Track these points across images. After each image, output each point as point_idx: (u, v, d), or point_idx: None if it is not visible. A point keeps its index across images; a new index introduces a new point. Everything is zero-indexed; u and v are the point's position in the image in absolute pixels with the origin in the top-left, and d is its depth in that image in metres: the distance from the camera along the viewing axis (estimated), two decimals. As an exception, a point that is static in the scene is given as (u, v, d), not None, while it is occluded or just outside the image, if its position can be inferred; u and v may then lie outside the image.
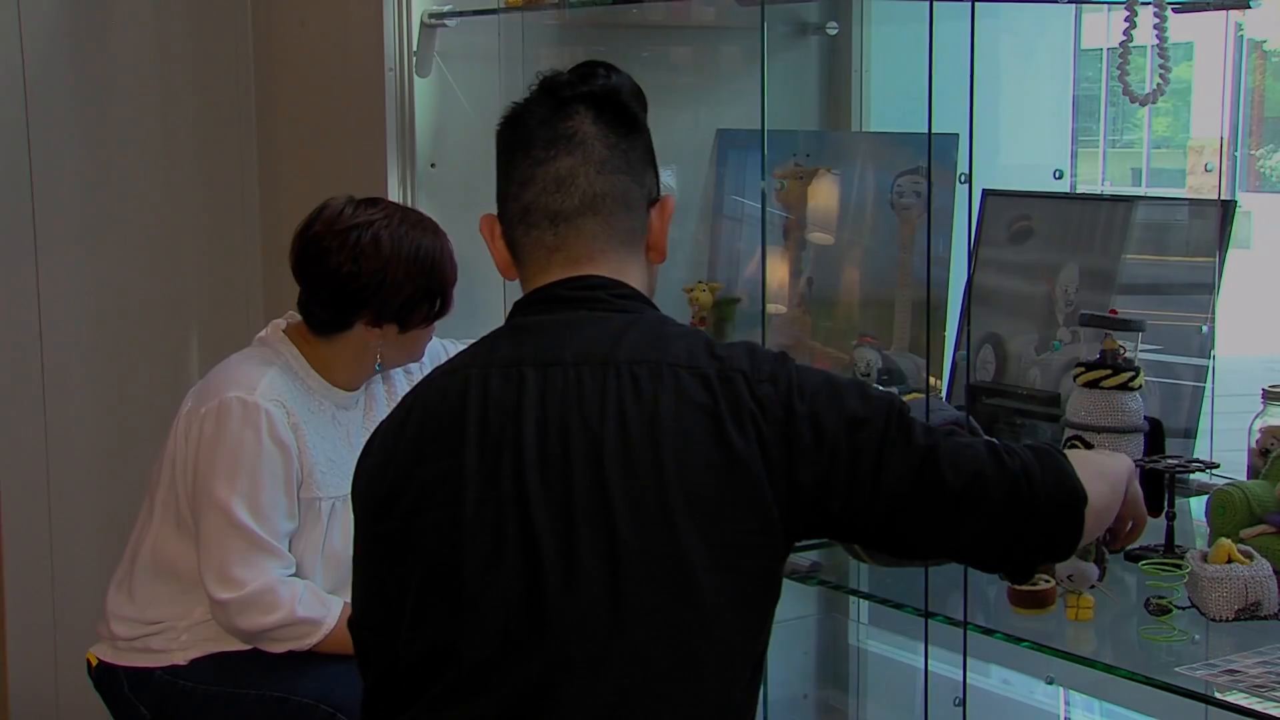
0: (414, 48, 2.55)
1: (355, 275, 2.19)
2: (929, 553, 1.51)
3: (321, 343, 2.27)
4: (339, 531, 2.23)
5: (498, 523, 1.41)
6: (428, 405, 1.50)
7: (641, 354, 1.44)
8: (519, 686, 1.39)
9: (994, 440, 1.49)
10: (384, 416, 2.32)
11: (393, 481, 1.49)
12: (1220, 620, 1.68)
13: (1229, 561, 1.71)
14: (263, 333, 2.31)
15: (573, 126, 1.53)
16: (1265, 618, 1.66)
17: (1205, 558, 1.73)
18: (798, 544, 1.50)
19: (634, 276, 1.55)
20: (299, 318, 2.30)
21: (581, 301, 1.51)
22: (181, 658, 2.19)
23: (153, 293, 2.97)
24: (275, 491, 2.15)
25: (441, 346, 2.46)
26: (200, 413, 2.17)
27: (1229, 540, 1.74)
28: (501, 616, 1.40)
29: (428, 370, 2.42)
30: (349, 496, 2.23)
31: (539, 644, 1.38)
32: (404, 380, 2.40)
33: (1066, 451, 1.58)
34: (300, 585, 2.15)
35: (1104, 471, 1.57)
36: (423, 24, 2.56)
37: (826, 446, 1.40)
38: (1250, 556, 1.72)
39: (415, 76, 2.56)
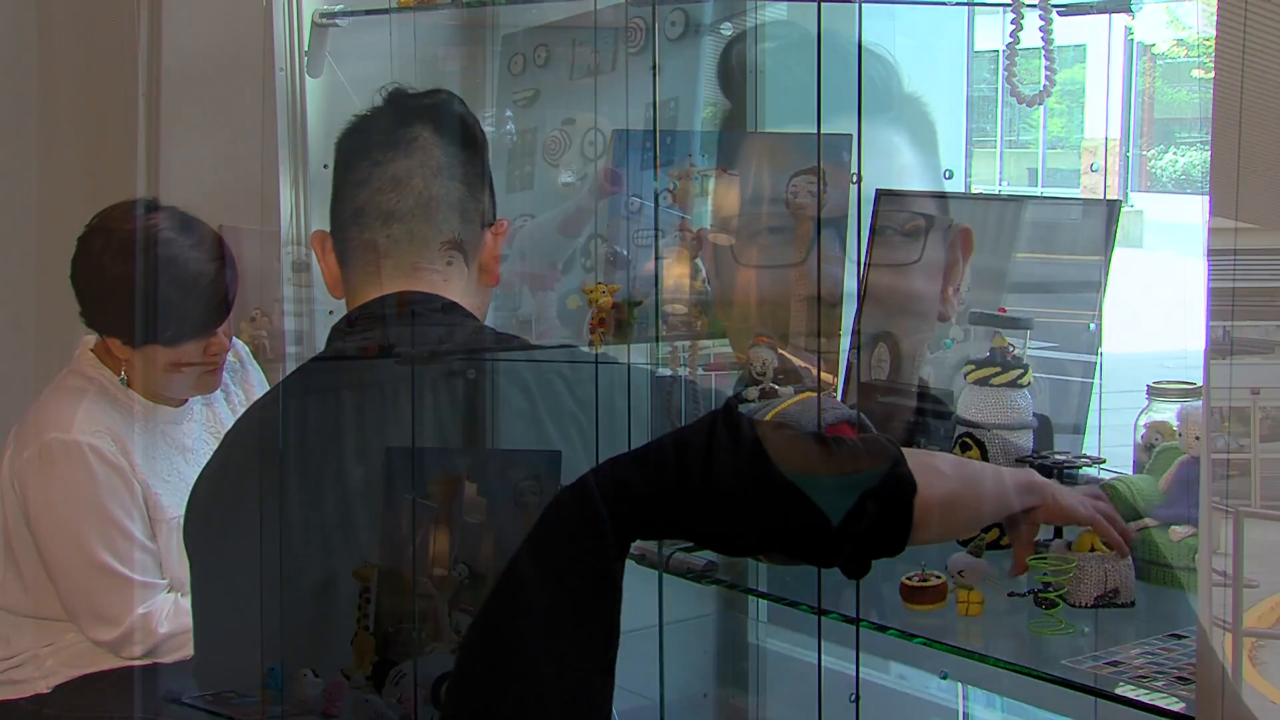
0: (305, 48, 2.52)
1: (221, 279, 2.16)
2: (759, 547, 1.48)
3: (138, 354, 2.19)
4: None
5: (326, 554, 1.41)
6: (248, 442, 1.50)
7: (458, 366, 1.44)
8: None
9: (827, 435, 1.46)
10: (227, 420, 2.28)
11: (221, 521, 1.48)
12: (1080, 606, 1.73)
13: (1091, 550, 1.76)
14: (76, 353, 2.23)
15: (413, 133, 1.54)
16: (1122, 605, 1.72)
17: (1069, 546, 1.78)
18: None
19: (457, 291, 1.54)
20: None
21: (399, 320, 1.51)
22: (45, 685, 2.14)
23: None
24: (126, 518, 2.11)
25: None
26: (23, 458, 2.10)
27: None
28: (339, 653, 1.40)
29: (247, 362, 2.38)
30: None
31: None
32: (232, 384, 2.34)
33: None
34: (169, 602, 2.13)
35: (967, 476, 1.56)
36: (314, 24, 2.53)
37: (653, 446, 1.38)
38: (1111, 546, 1.76)
39: (307, 77, 2.53)
